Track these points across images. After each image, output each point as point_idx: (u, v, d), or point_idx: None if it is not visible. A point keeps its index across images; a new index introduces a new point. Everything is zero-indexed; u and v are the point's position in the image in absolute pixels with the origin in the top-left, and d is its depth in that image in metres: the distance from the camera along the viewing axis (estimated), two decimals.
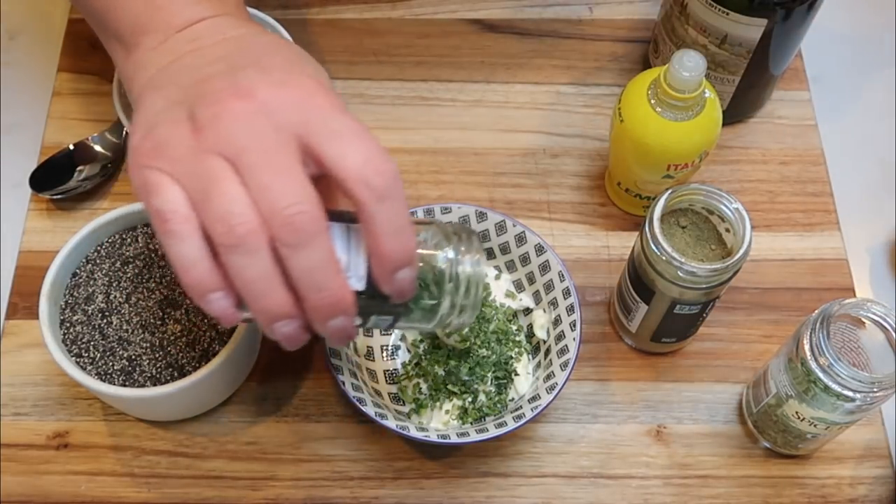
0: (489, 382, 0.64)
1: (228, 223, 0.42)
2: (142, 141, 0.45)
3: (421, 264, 0.49)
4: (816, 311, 0.56)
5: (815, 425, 0.59)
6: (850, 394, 0.55)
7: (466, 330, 0.63)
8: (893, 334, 0.56)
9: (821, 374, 0.55)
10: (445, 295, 0.49)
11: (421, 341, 0.66)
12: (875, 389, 0.54)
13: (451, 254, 0.49)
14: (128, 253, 0.63)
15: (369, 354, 0.65)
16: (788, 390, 0.58)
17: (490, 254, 0.67)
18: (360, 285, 0.46)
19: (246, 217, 0.43)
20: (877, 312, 0.56)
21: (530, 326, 0.65)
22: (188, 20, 0.51)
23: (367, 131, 0.45)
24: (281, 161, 0.43)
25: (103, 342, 0.60)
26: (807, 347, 0.56)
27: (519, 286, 0.67)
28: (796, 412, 0.59)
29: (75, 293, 0.62)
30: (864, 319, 0.57)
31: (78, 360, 0.60)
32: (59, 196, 0.71)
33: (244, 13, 0.55)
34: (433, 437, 0.59)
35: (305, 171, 0.44)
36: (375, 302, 0.47)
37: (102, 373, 0.60)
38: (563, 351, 0.62)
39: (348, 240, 0.46)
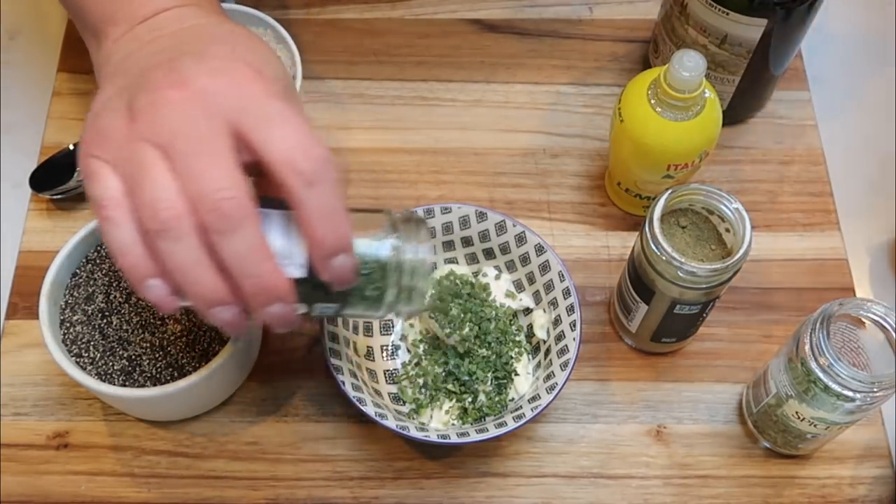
0: (489, 382, 0.64)
1: (154, 208, 0.43)
2: (87, 129, 0.47)
3: (365, 252, 0.49)
4: (817, 312, 0.56)
5: (815, 425, 0.59)
6: (850, 394, 0.55)
7: (466, 330, 0.63)
8: (893, 334, 0.56)
9: (821, 374, 0.55)
10: (390, 284, 0.49)
11: (421, 341, 0.66)
12: (875, 389, 0.54)
13: (394, 242, 0.49)
14: None
15: (369, 354, 0.65)
16: (788, 390, 0.58)
17: (490, 254, 0.67)
18: (299, 272, 0.46)
19: (171, 203, 0.43)
20: (877, 312, 0.56)
21: (530, 326, 0.65)
22: (152, 10, 0.52)
23: (298, 116, 0.46)
24: (210, 148, 0.44)
25: (103, 342, 0.60)
26: (807, 347, 0.56)
27: (519, 286, 0.67)
28: (796, 412, 0.59)
29: (75, 293, 0.62)
30: (864, 319, 0.57)
31: (78, 360, 0.60)
32: (59, 196, 0.71)
33: (212, 4, 0.55)
34: (433, 437, 0.59)
35: (238, 158, 0.44)
36: (318, 290, 0.47)
37: (102, 373, 0.60)
38: (563, 351, 0.62)
39: (289, 227, 0.46)
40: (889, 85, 0.80)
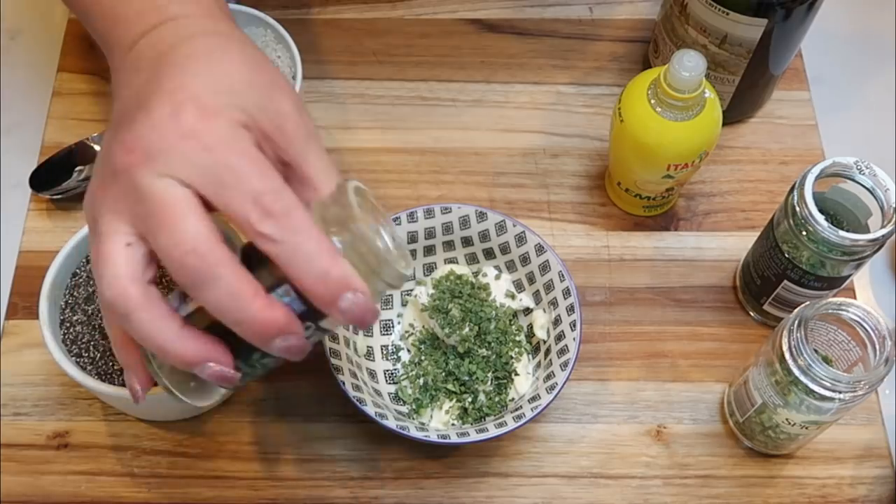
0: (489, 382, 0.64)
1: (101, 289, 0.44)
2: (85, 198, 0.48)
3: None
4: (793, 313, 0.56)
5: (806, 427, 0.59)
6: (830, 394, 0.55)
7: (466, 330, 0.63)
8: (872, 334, 0.56)
9: (800, 376, 0.55)
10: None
11: (421, 342, 0.66)
12: (857, 389, 0.54)
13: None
14: None
15: (369, 354, 0.65)
16: (775, 399, 0.58)
17: (490, 254, 0.67)
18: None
19: (114, 280, 0.43)
20: (855, 314, 0.56)
21: (530, 326, 0.65)
22: (135, 37, 0.50)
23: (251, 168, 0.43)
24: (163, 207, 0.43)
25: (103, 342, 0.60)
26: (785, 348, 0.56)
27: (519, 286, 0.67)
28: (786, 419, 0.59)
29: (75, 293, 0.62)
30: (844, 320, 0.57)
31: (78, 360, 0.60)
32: (58, 196, 0.71)
33: (200, 9, 0.51)
34: (433, 437, 0.59)
35: (200, 207, 0.43)
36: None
37: (102, 373, 0.60)
38: (563, 351, 0.62)
39: None
40: (889, 85, 0.80)
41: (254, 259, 0.44)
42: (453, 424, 0.63)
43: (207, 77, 0.46)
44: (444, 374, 0.64)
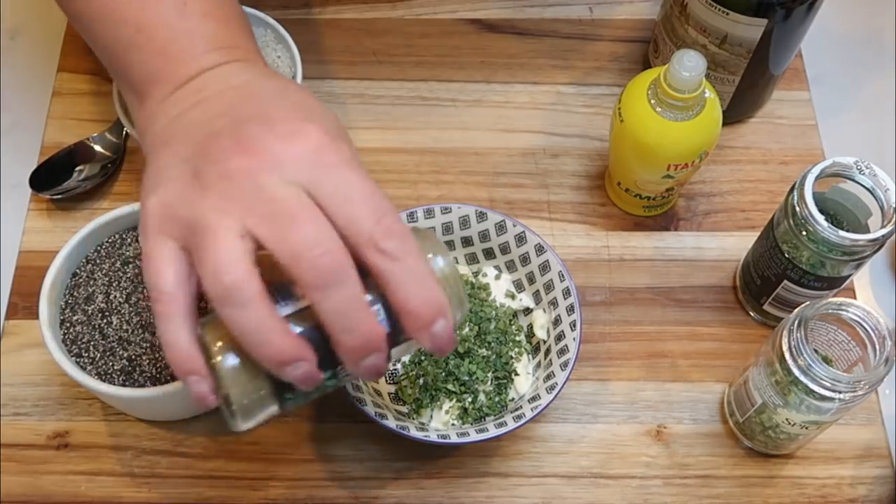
0: (489, 382, 0.64)
1: (216, 275, 0.43)
2: (151, 201, 0.46)
3: None
4: (793, 313, 0.56)
5: (806, 427, 0.59)
6: (831, 394, 0.55)
7: (466, 330, 0.63)
8: (872, 334, 0.56)
9: (800, 376, 0.55)
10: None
11: None
12: (857, 389, 0.54)
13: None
14: (128, 253, 0.63)
15: None
16: (775, 399, 0.58)
17: (490, 254, 0.67)
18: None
19: (232, 266, 0.43)
20: (855, 314, 0.56)
21: (530, 326, 0.65)
22: (196, 70, 0.51)
23: (374, 190, 0.45)
24: (294, 210, 0.44)
25: (103, 342, 0.60)
26: (785, 348, 0.56)
27: (519, 286, 0.67)
28: (786, 419, 0.59)
29: (75, 293, 0.62)
30: (844, 320, 0.57)
31: (78, 360, 0.60)
32: (58, 196, 0.71)
33: (253, 55, 0.54)
34: (433, 437, 0.59)
35: (323, 215, 0.44)
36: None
37: (102, 373, 0.60)
38: (563, 351, 0.62)
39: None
40: (889, 85, 0.80)
41: None
42: (453, 424, 0.63)
43: (311, 108, 0.48)
44: (444, 374, 0.64)
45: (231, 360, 0.46)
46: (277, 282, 0.46)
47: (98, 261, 0.63)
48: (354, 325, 0.44)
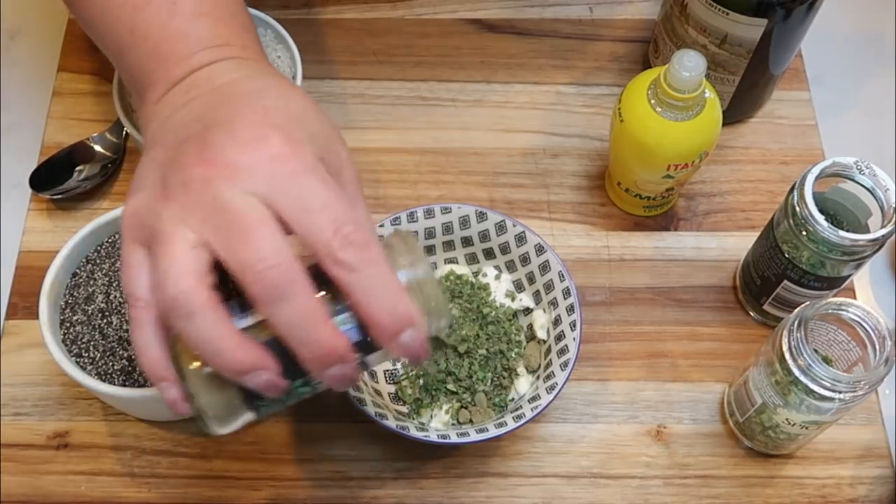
0: (489, 382, 0.64)
1: (163, 286, 0.43)
2: (128, 207, 0.47)
3: None
4: (793, 313, 0.56)
5: (806, 427, 0.59)
6: (830, 394, 0.55)
7: (466, 330, 0.63)
8: (872, 334, 0.56)
9: (800, 376, 0.55)
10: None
11: None
12: (857, 389, 0.54)
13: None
14: None
15: None
16: (775, 399, 0.58)
17: (490, 254, 0.67)
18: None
19: (179, 278, 0.43)
20: (855, 314, 0.56)
21: (530, 326, 0.65)
22: (187, 70, 0.51)
23: (336, 199, 0.44)
24: (247, 221, 0.43)
25: (103, 342, 0.60)
26: (785, 348, 0.56)
27: (519, 286, 0.67)
28: (786, 419, 0.59)
29: (75, 293, 0.62)
30: (845, 320, 0.57)
31: (78, 360, 0.60)
32: (58, 196, 0.71)
33: (250, 51, 0.53)
34: (433, 437, 0.59)
35: (279, 225, 0.43)
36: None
37: (102, 373, 0.60)
38: (563, 351, 0.62)
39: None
40: (889, 85, 0.80)
41: (315, 286, 0.45)
42: (453, 424, 0.63)
43: (286, 111, 0.47)
44: (444, 373, 0.64)
45: (199, 369, 0.46)
46: None
47: (98, 261, 0.63)
48: (310, 337, 0.43)
